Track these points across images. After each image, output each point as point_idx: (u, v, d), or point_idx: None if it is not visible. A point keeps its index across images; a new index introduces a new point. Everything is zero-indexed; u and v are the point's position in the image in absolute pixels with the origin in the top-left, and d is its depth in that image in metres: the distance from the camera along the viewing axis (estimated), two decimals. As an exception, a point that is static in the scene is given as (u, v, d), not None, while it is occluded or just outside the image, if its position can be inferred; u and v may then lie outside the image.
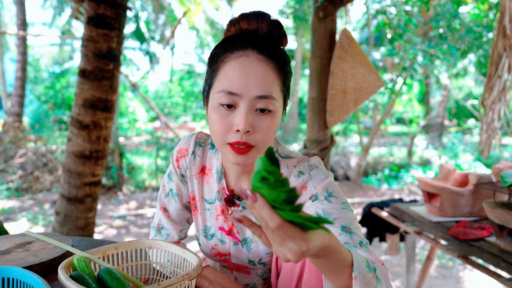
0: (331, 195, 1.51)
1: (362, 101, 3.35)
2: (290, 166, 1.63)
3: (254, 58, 1.41)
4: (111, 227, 7.74)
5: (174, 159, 1.78)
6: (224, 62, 1.44)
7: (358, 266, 1.14)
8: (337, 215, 1.46)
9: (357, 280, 1.12)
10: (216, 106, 1.43)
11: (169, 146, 13.45)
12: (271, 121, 1.43)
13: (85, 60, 3.96)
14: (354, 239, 1.41)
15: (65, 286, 1.23)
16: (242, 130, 1.37)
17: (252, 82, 1.38)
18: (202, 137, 1.79)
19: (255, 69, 1.40)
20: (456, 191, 3.33)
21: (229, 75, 1.40)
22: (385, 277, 1.26)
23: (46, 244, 1.87)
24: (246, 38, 1.45)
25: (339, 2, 3.20)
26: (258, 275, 1.82)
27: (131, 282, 1.44)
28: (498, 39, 3.61)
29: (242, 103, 1.39)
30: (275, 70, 1.43)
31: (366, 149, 11.45)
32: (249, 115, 1.38)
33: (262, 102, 1.39)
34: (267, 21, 1.48)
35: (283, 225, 0.89)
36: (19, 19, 13.74)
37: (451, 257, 6.13)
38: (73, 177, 4.12)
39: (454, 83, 20.09)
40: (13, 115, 13.78)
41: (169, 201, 1.82)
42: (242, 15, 1.49)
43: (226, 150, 1.45)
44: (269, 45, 1.46)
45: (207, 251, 1.81)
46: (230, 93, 1.39)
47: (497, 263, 2.61)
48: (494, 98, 3.69)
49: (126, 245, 1.59)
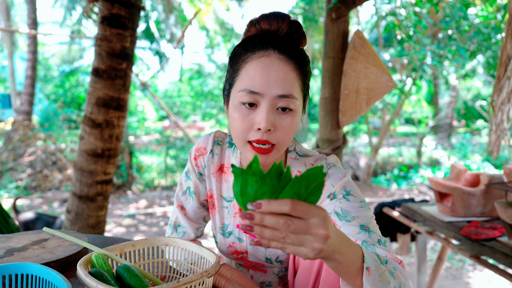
0: (349, 193, 1.53)
1: (375, 101, 3.35)
2: (308, 164, 1.66)
3: (276, 58, 1.42)
4: (120, 226, 7.76)
5: (192, 157, 1.79)
6: (246, 62, 1.45)
7: (369, 258, 1.16)
8: (356, 214, 1.47)
9: (370, 272, 1.14)
10: (238, 105, 1.44)
11: (179, 145, 13.46)
12: (291, 120, 1.44)
13: (99, 59, 3.98)
14: (373, 237, 1.43)
15: (84, 283, 1.24)
16: (264, 129, 1.39)
17: (274, 81, 1.39)
18: (220, 136, 1.80)
19: (277, 68, 1.41)
20: (468, 191, 3.33)
21: (251, 74, 1.42)
22: (400, 273, 1.27)
23: (62, 241, 1.88)
24: (267, 38, 1.46)
25: (352, 3, 3.20)
26: (274, 273, 1.83)
27: (149, 279, 1.45)
28: (507, 40, 3.62)
29: (264, 102, 1.40)
30: (295, 70, 1.44)
31: (375, 149, 11.44)
32: (270, 114, 1.39)
33: (283, 101, 1.40)
34: (287, 22, 1.49)
35: (294, 202, 0.94)
36: (30, 18, 13.80)
37: (461, 258, 6.12)
38: (85, 175, 4.14)
39: (462, 84, 20.03)
40: (22, 114, 13.84)
41: (186, 199, 1.82)
42: (263, 15, 1.50)
43: (247, 149, 1.46)
44: (289, 45, 1.47)
45: (224, 249, 1.82)
46: (252, 92, 1.40)
47: (509, 263, 2.61)
48: (503, 99, 3.69)
49: (143, 243, 1.60)
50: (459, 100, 21.72)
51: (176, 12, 20.71)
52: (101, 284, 1.20)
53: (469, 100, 21.53)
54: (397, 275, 1.25)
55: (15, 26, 21.66)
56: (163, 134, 14.55)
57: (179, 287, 1.21)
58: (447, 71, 10.50)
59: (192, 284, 1.26)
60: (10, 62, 15.87)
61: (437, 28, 7.39)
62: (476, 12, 6.80)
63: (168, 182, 12.08)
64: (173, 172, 12.78)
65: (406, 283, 1.28)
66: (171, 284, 1.20)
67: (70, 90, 23.40)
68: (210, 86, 17.87)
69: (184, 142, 13.67)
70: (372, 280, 1.15)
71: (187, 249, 1.60)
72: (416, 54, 6.71)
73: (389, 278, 1.20)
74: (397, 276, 1.24)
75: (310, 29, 13.42)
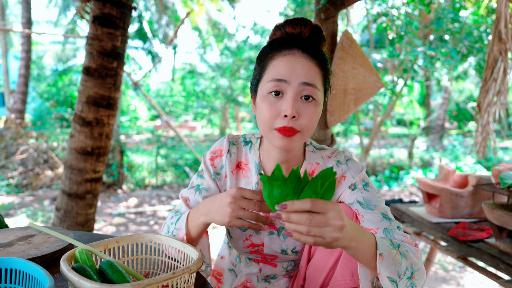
0: (367, 184, 1.72)
1: (362, 102, 3.37)
2: (325, 156, 1.82)
3: (300, 55, 1.60)
4: (110, 225, 7.75)
5: (207, 158, 1.90)
6: (273, 59, 1.63)
7: (382, 244, 1.40)
8: (377, 203, 1.67)
9: (383, 257, 1.38)
10: (265, 95, 1.61)
11: (170, 144, 13.44)
12: (314, 108, 1.59)
13: (90, 58, 3.99)
14: (393, 224, 1.63)
15: (67, 278, 1.25)
16: (289, 115, 1.53)
17: (299, 71, 1.57)
18: (234, 137, 1.93)
19: (301, 62, 1.59)
20: (456, 192, 3.35)
21: (277, 66, 1.60)
22: (412, 254, 1.51)
23: (48, 237, 1.89)
24: (292, 40, 1.65)
25: (341, 4, 3.21)
26: (284, 267, 1.92)
27: (131, 275, 1.46)
28: (494, 43, 3.71)
29: (289, 90, 1.56)
30: (317, 65, 1.62)
31: (366, 150, 11.45)
32: (295, 102, 1.55)
33: (308, 89, 1.57)
34: (309, 26, 1.67)
35: (313, 200, 1.18)
36: (24, 17, 13.78)
37: (452, 260, 6.14)
38: (75, 173, 4.14)
39: (454, 85, 20.10)
40: (15, 112, 13.81)
41: (192, 192, 1.88)
42: (287, 20, 1.69)
43: (273, 135, 1.60)
44: (311, 46, 1.64)
45: (240, 243, 1.87)
46: (279, 80, 1.57)
47: (496, 264, 2.63)
48: (490, 101, 3.76)
49: (127, 239, 1.62)
50: (451, 101, 21.80)
51: (169, 12, 20.71)
52: (83, 279, 1.21)
53: (461, 102, 21.62)
54: (409, 256, 1.48)
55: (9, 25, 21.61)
56: (154, 133, 14.55)
57: (161, 282, 1.23)
58: (439, 72, 10.54)
59: (174, 280, 1.27)
60: (4, 61, 15.81)
61: (429, 30, 7.42)
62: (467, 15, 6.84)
63: (158, 181, 12.06)
64: (164, 172, 12.76)
65: (418, 262, 1.50)
66: (152, 279, 1.21)
67: (63, 89, 23.34)
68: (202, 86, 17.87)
69: (175, 142, 13.66)
70: (385, 264, 1.39)
71: (170, 245, 1.61)
72: (407, 55, 6.75)
73: (400, 260, 1.43)
74: (409, 257, 1.47)
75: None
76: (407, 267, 1.44)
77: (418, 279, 1.49)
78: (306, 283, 1.77)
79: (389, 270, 1.40)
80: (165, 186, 11.60)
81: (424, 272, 1.51)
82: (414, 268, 1.47)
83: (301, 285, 1.80)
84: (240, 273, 1.99)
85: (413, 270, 1.47)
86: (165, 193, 10.51)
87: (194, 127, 25.65)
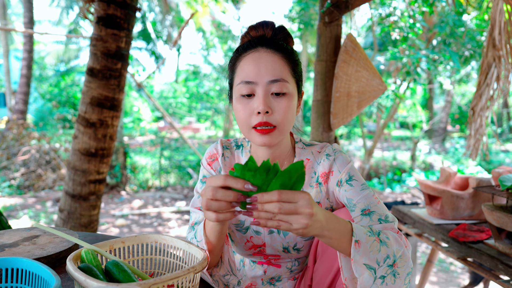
0: (351, 178, 1.71)
1: (366, 104, 3.39)
2: (315, 152, 1.84)
3: (263, 51, 1.64)
4: (114, 226, 7.75)
5: (206, 164, 1.92)
6: (239, 61, 1.68)
7: (359, 232, 1.39)
8: (357, 200, 1.65)
9: (360, 243, 1.37)
10: (238, 97, 1.65)
11: (173, 146, 13.45)
12: (287, 102, 1.62)
13: (94, 59, 4.00)
14: (373, 218, 1.61)
15: (73, 277, 1.26)
16: (262, 111, 1.58)
17: (264, 70, 1.61)
18: (226, 142, 1.96)
19: (266, 59, 1.62)
20: (457, 194, 3.36)
21: (244, 68, 1.64)
22: (395, 241, 1.47)
23: (53, 238, 1.90)
24: (256, 40, 1.69)
25: (345, 7, 3.23)
26: (288, 268, 1.92)
27: (137, 275, 1.48)
28: (488, 49, 3.80)
29: (259, 89, 1.60)
30: (283, 58, 1.65)
31: (369, 152, 11.45)
32: (266, 98, 1.59)
33: (276, 85, 1.60)
34: (271, 27, 1.74)
35: (280, 192, 1.21)
36: (26, 17, 13.76)
37: (452, 261, 6.14)
38: (78, 174, 4.15)
39: (457, 89, 20.08)
40: (17, 113, 13.77)
41: None
42: (250, 26, 1.76)
43: (252, 134, 1.64)
44: (275, 42, 1.68)
45: (242, 245, 1.88)
46: (247, 82, 1.61)
47: (495, 265, 2.64)
48: (483, 106, 3.84)
49: (132, 240, 1.63)
50: (453, 105, 21.80)
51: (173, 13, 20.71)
52: (89, 278, 1.22)
53: (463, 105, 21.60)
54: (390, 243, 1.44)
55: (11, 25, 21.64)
56: (158, 135, 14.55)
57: (166, 282, 1.24)
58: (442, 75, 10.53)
59: (179, 280, 1.28)
60: (6, 61, 15.81)
61: (432, 33, 7.43)
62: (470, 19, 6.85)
63: (162, 183, 12.06)
64: (167, 173, 12.77)
65: (400, 249, 1.45)
66: (157, 279, 1.23)
67: (65, 89, 23.31)
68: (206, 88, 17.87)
69: (179, 143, 13.68)
70: (362, 250, 1.37)
71: (176, 246, 1.62)
72: (410, 58, 6.75)
73: (379, 247, 1.41)
74: (390, 245, 1.44)
75: (306, 33, 13.46)
76: (389, 255, 1.41)
77: (401, 267, 1.44)
78: (313, 283, 1.78)
79: (366, 257, 1.38)
80: (169, 187, 11.60)
81: (408, 259, 1.46)
82: (396, 256, 1.43)
83: (309, 285, 1.81)
84: (244, 277, 1.99)
85: (395, 258, 1.43)
86: (169, 195, 10.51)
87: (198, 129, 25.59)
